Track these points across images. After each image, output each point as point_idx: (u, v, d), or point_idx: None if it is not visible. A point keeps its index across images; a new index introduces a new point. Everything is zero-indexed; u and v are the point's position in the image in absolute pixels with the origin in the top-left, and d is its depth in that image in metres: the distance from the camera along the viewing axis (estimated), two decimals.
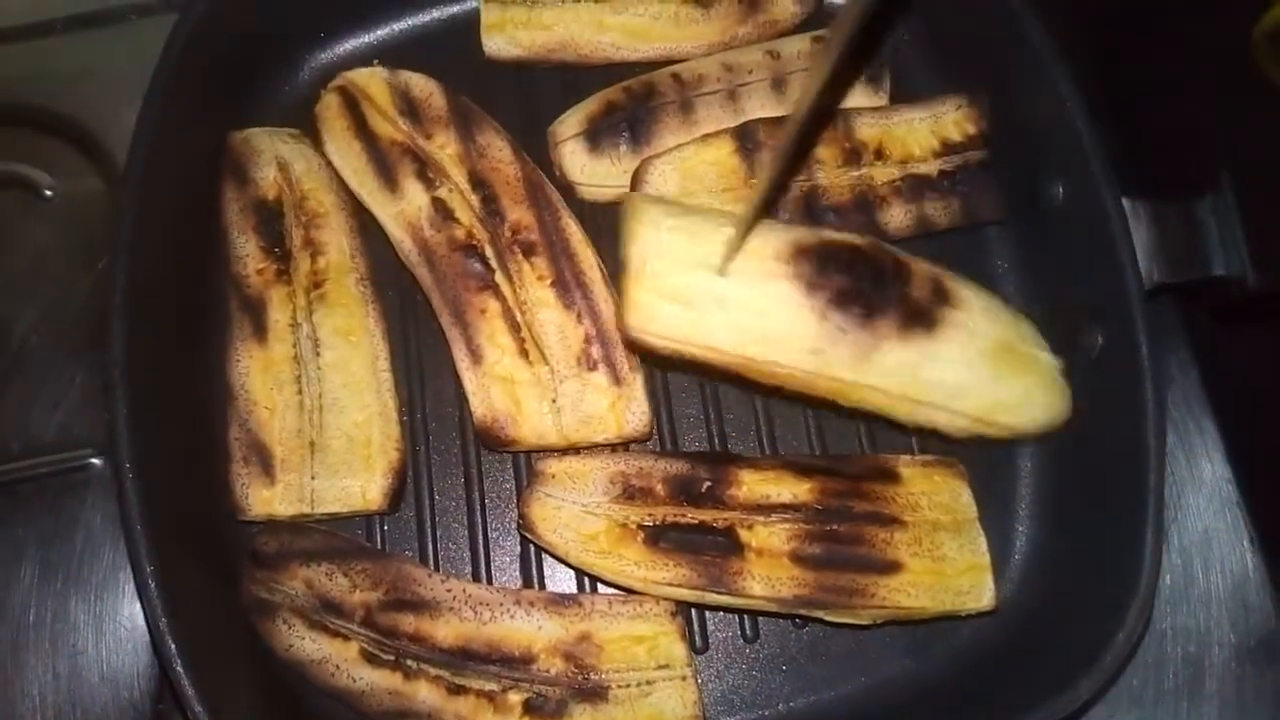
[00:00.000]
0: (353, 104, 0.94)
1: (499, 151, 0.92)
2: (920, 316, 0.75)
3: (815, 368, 0.76)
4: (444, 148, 0.93)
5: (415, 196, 0.91)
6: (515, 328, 0.89)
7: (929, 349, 0.76)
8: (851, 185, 0.92)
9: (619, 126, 0.94)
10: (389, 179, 0.92)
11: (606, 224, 0.94)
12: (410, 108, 0.93)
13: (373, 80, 0.95)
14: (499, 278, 0.90)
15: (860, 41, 0.93)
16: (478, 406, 0.87)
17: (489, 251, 0.90)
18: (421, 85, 0.95)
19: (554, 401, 0.87)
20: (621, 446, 0.91)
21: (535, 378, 0.88)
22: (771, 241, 0.74)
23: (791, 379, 0.77)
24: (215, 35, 0.91)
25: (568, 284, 0.88)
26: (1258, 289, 0.83)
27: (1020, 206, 0.93)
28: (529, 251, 0.89)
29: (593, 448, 0.88)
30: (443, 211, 0.91)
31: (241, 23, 0.93)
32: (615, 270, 0.87)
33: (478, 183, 0.91)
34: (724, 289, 0.73)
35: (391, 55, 1.00)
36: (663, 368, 0.92)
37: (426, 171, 0.92)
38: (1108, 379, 0.85)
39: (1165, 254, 0.85)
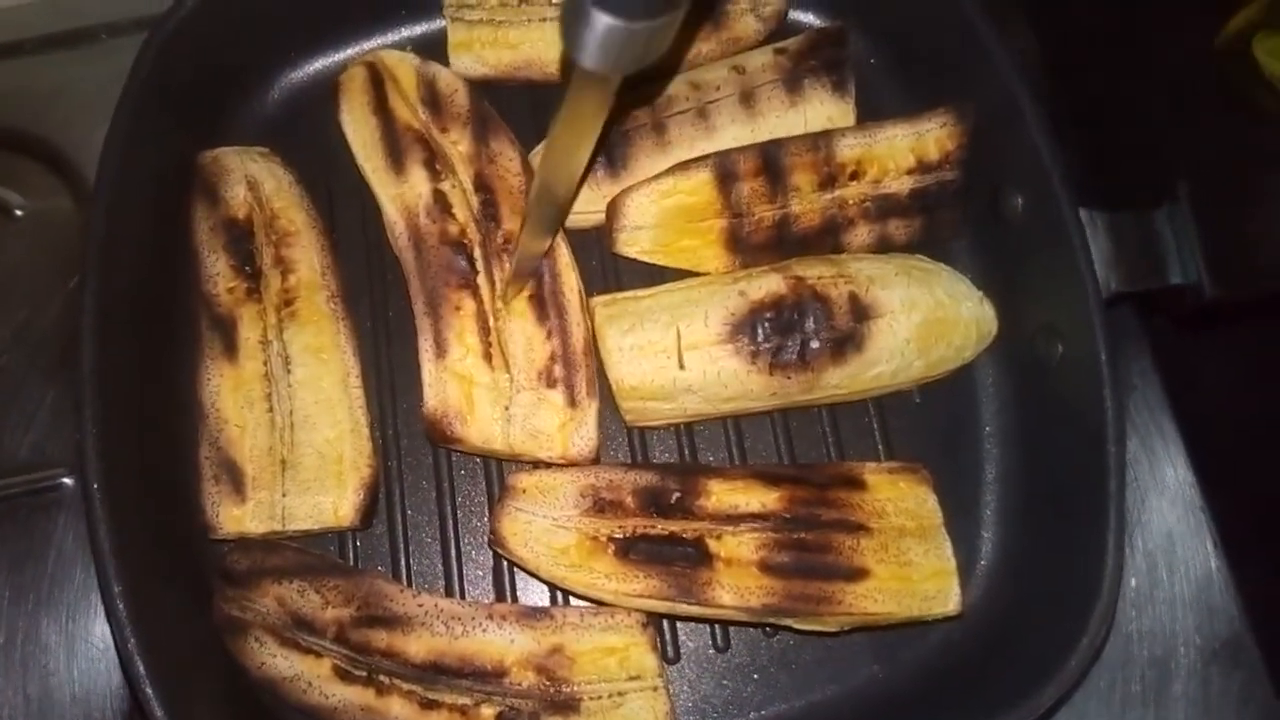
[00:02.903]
0: (378, 81, 0.95)
1: (509, 160, 0.93)
2: (848, 341, 0.87)
3: (777, 403, 0.91)
4: (456, 144, 0.93)
5: (418, 183, 0.92)
6: (485, 330, 0.89)
7: (864, 359, 0.88)
8: (823, 209, 0.94)
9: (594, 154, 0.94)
10: (396, 161, 0.93)
11: (591, 249, 0.96)
12: (433, 98, 0.94)
13: (403, 64, 0.96)
14: (481, 280, 0.90)
15: (823, 54, 0.96)
16: (431, 398, 0.88)
17: (477, 253, 0.91)
18: (448, 80, 0.95)
19: (506, 409, 0.88)
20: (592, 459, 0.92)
21: (494, 383, 0.88)
22: (712, 324, 0.87)
23: (760, 410, 0.92)
24: (184, 54, 0.91)
25: (545, 301, 0.89)
26: (1213, 297, 0.85)
27: (981, 218, 0.95)
28: None
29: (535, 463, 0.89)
30: (441, 204, 0.92)
31: (210, 42, 0.93)
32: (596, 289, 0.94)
33: (481, 185, 0.92)
34: (687, 378, 0.87)
35: None
36: None
37: (434, 162, 0.93)
38: (1069, 387, 0.86)
39: (1123, 263, 0.86)
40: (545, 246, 0.88)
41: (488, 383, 0.88)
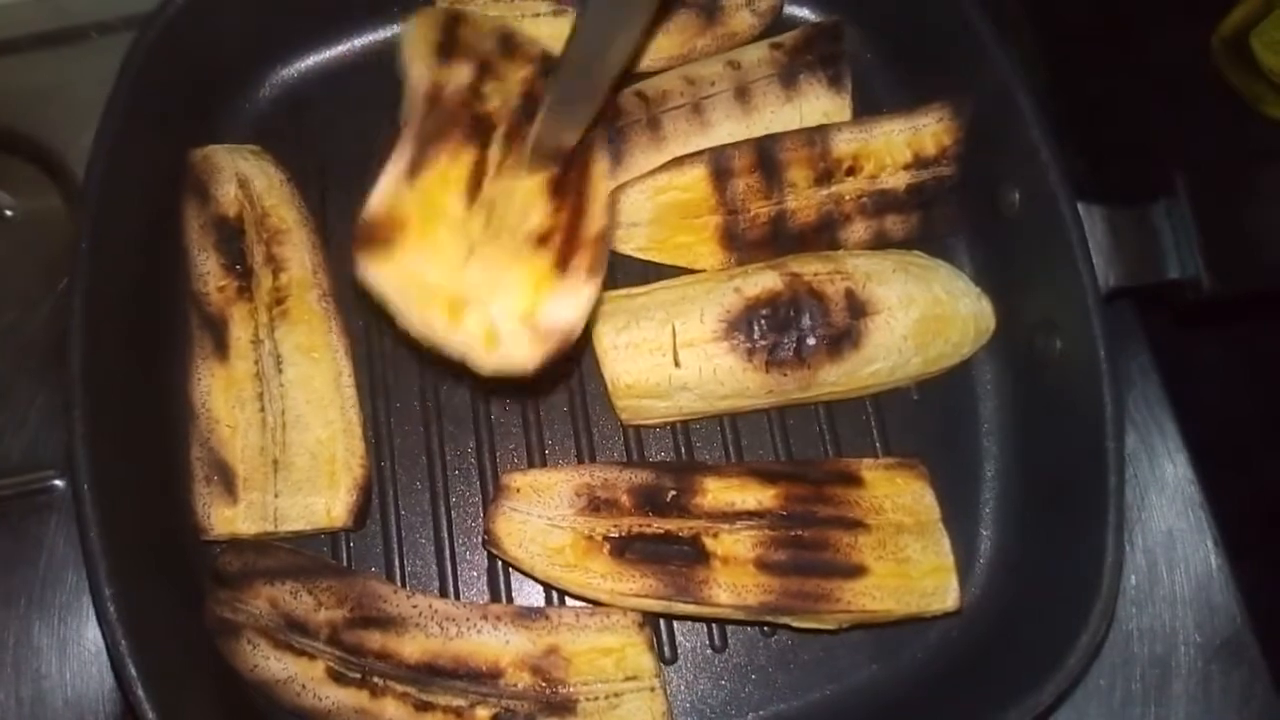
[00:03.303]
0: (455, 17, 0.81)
1: None
2: (845, 337, 0.87)
3: (773, 401, 0.90)
4: (518, 72, 0.79)
5: (462, 75, 0.77)
6: (478, 175, 0.74)
7: (861, 356, 0.87)
8: (819, 205, 0.93)
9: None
10: (448, 52, 0.78)
11: None
12: (507, 44, 0.81)
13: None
14: (496, 137, 0.76)
15: (819, 49, 0.95)
16: (376, 204, 0.69)
17: (501, 128, 0.77)
18: (530, 37, 0.83)
19: (470, 251, 0.70)
20: (587, 458, 0.91)
21: (465, 220, 0.71)
22: (708, 321, 0.86)
23: (757, 407, 0.92)
24: (174, 52, 0.90)
25: (566, 189, 0.74)
26: (1212, 292, 0.84)
27: (978, 214, 0.94)
28: None
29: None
30: (475, 91, 0.77)
31: (200, 40, 0.92)
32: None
33: (528, 97, 0.78)
34: (683, 376, 0.86)
35: (353, 71, 1.00)
36: None
37: (486, 75, 0.78)
38: (1067, 383, 0.86)
39: (1121, 258, 0.86)
40: (570, 140, 0.73)
41: (458, 216, 0.71)
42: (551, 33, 0.98)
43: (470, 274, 0.69)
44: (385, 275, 0.68)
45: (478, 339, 0.69)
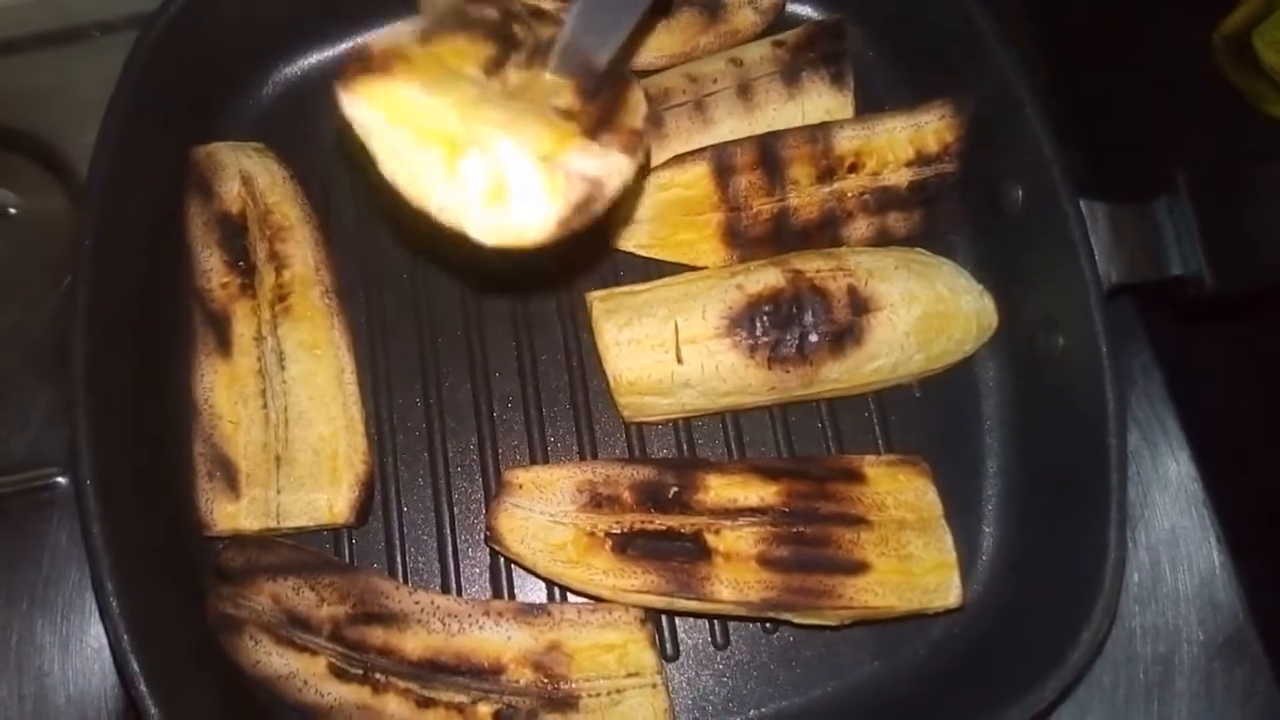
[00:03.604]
0: None
1: None
2: (847, 334, 0.87)
3: (776, 397, 0.90)
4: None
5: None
6: (500, 60, 0.63)
7: (863, 353, 0.87)
8: (821, 202, 0.93)
9: None
10: None
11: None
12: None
13: None
14: (524, 45, 0.65)
15: (821, 47, 0.95)
16: (376, 40, 0.60)
17: (528, 41, 0.66)
18: None
19: (481, 99, 0.58)
20: (590, 454, 0.91)
21: (475, 80, 0.60)
22: (710, 318, 0.86)
23: (759, 404, 0.91)
24: (177, 50, 0.90)
25: (599, 98, 0.63)
26: (1214, 289, 0.84)
27: (980, 211, 0.94)
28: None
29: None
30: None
31: (203, 38, 0.92)
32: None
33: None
34: (685, 373, 0.86)
35: None
36: None
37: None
38: (1069, 380, 0.85)
39: (1123, 255, 0.86)
40: (600, 60, 0.62)
41: (475, 59, 0.61)
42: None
43: (480, 112, 0.55)
44: (372, 105, 0.55)
45: (480, 191, 0.55)
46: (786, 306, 0.86)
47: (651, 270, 0.95)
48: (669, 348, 0.86)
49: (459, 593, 0.89)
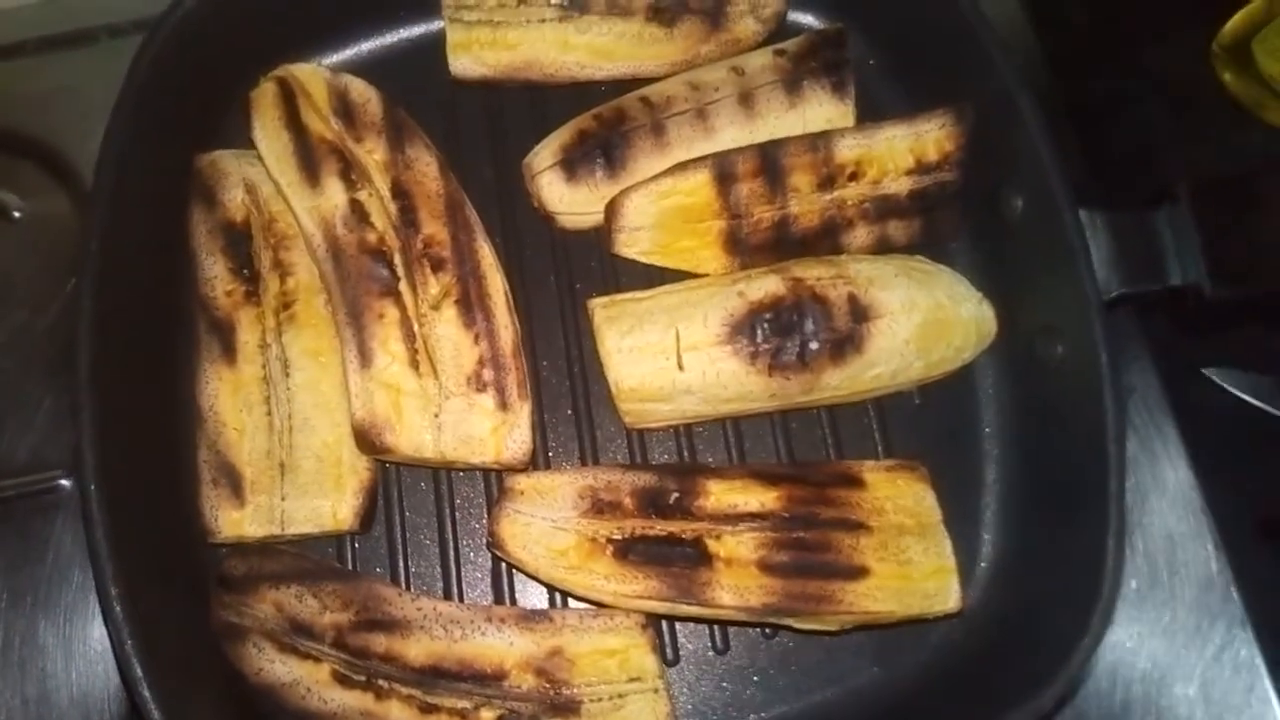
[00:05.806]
0: (289, 96, 0.93)
1: (425, 166, 0.92)
2: (847, 341, 0.87)
3: (776, 404, 0.91)
4: (372, 153, 0.92)
5: (334, 194, 0.91)
6: (410, 337, 0.88)
7: (863, 360, 0.88)
8: (822, 210, 0.94)
9: (593, 154, 0.94)
10: (311, 173, 0.91)
11: (590, 250, 0.97)
12: (346, 109, 0.93)
13: (314, 77, 0.94)
14: (403, 286, 0.89)
15: (823, 56, 0.96)
16: (358, 409, 0.86)
17: (397, 260, 0.90)
18: (360, 90, 0.94)
19: (436, 417, 0.86)
20: (591, 460, 0.92)
21: (421, 390, 0.87)
22: (711, 325, 0.87)
23: (759, 411, 0.92)
24: (181, 57, 0.91)
25: (471, 305, 0.88)
26: (1214, 298, 0.85)
27: (980, 219, 0.95)
28: (437, 266, 0.89)
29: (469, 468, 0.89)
30: (359, 214, 0.90)
31: (208, 44, 0.93)
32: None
33: (399, 192, 0.91)
34: (686, 380, 0.87)
35: (359, 75, 1.00)
36: None
37: (350, 173, 0.91)
38: (1069, 388, 0.86)
39: (1123, 265, 0.86)
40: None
41: (415, 390, 0.87)
42: (556, 38, 0.99)
43: (446, 440, 0.86)
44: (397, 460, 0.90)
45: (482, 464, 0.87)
46: (787, 314, 0.87)
47: (653, 277, 0.95)
48: (670, 355, 0.87)
49: (461, 599, 0.89)
